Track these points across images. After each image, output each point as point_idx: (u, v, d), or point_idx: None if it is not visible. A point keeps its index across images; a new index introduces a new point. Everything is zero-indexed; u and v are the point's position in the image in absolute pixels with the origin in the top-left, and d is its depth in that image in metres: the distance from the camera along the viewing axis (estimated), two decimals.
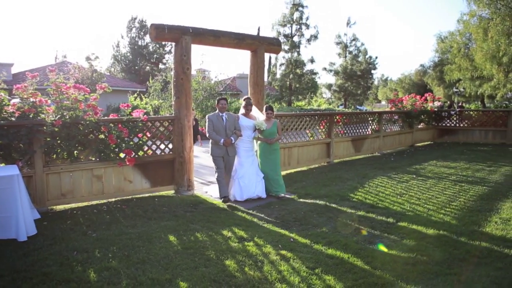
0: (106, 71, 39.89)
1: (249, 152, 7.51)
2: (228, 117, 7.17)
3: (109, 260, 4.26)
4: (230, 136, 7.12)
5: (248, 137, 7.48)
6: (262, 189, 7.40)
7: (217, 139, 7.02)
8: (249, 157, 7.47)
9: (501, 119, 15.82)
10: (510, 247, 4.72)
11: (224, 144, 7.00)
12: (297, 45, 38.14)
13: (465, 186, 8.08)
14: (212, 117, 7.14)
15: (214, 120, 7.08)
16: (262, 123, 7.41)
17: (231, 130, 7.16)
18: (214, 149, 7.14)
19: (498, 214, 6.07)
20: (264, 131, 7.47)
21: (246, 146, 7.49)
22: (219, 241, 4.91)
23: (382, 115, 13.56)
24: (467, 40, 27.07)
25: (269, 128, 7.56)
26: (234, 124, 7.23)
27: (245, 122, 7.45)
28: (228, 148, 7.11)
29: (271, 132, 7.56)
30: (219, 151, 7.10)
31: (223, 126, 7.09)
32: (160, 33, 7.20)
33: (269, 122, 7.59)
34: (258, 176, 7.43)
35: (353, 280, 3.91)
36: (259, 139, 7.62)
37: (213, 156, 7.17)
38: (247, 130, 7.45)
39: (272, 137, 7.56)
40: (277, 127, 7.71)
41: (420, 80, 47.72)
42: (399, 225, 5.64)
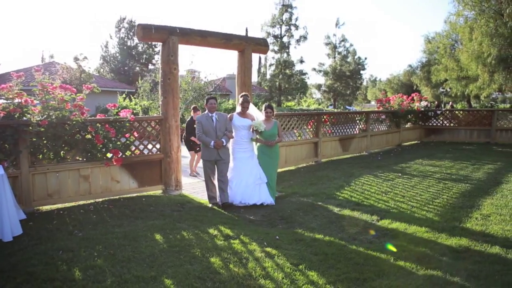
0: (95, 72, 39.66)
1: (246, 153, 7.01)
2: (218, 117, 6.74)
3: (94, 259, 4.28)
4: (221, 138, 6.69)
5: (242, 138, 6.98)
6: (251, 196, 6.78)
7: (206, 142, 6.60)
8: (246, 159, 6.96)
9: (485, 118, 16.10)
10: (489, 242, 4.85)
11: (215, 146, 6.58)
12: (287, 45, 38.35)
13: (448, 183, 8.23)
14: (201, 118, 6.78)
15: (203, 121, 6.69)
16: (261, 124, 6.90)
17: (221, 131, 6.71)
18: (205, 152, 6.75)
19: (479, 210, 6.21)
20: (263, 132, 6.98)
21: (243, 147, 7.01)
22: (205, 239, 4.96)
23: (369, 115, 13.72)
24: (453, 41, 27.45)
25: (269, 129, 7.07)
26: (225, 124, 6.79)
27: (239, 122, 6.97)
28: (220, 150, 6.67)
29: (270, 134, 7.07)
30: (210, 154, 6.68)
31: (213, 128, 6.66)
32: (147, 33, 7.23)
33: (268, 122, 7.12)
34: (254, 181, 6.83)
35: (336, 276, 3.99)
36: (258, 140, 7.11)
37: (203, 160, 6.84)
38: (241, 130, 6.96)
39: (272, 139, 7.07)
40: (278, 128, 7.22)
41: (408, 80, 48.18)
42: (383, 222, 5.75)
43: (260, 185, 6.89)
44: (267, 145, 7.07)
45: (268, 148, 7.10)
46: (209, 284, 3.74)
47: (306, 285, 3.80)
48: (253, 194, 6.80)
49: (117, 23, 48.37)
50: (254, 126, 6.92)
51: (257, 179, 6.88)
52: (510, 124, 15.75)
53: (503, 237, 5.05)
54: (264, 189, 6.89)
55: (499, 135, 15.72)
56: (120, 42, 48.34)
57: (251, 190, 6.80)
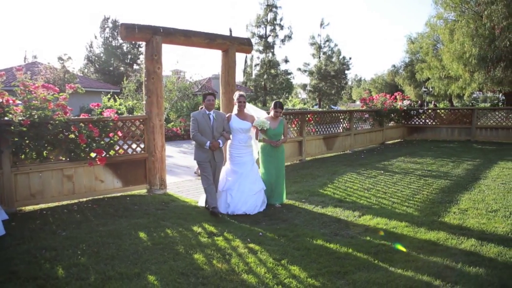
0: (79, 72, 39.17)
1: (244, 158, 6.41)
2: (216, 116, 6.22)
3: (77, 257, 4.30)
4: (218, 138, 6.18)
5: (241, 142, 6.40)
6: (253, 205, 6.23)
7: (202, 142, 6.05)
8: (244, 164, 6.38)
9: (466, 117, 16.46)
10: (465, 235, 5.01)
11: (211, 147, 6.05)
12: (271, 45, 38.51)
13: (429, 180, 8.43)
14: (197, 115, 6.18)
15: (199, 119, 6.12)
16: (265, 122, 6.40)
17: (218, 131, 6.20)
18: (199, 153, 6.21)
19: (457, 205, 6.39)
20: (268, 131, 6.50)
21: (242, 152, 6.41)
22: (189, 237, 5.01)
23: (353, 114, 13.90)
24: (435, 42, 27.95)
25: (275, 128, 6.59)
26: (223, 124, 6.28)
27: (237, 124, 6.37)
28: (214, 152, 6.16)
29: (276, 133, 6.60)
30: (204, 155, 6.16)
31: (210, 127, 6.12)
32: (130, 33, 7.23)
33: (275, 121, 6.64)
34: (253, 188, 6.30)
35: (317, 270, 4.08)
36: (264, 141, 6.63)
37: (198, 162, 6.27)
38: (240, 134, 6.39)
39: (278, 138, 6.62)
40: (284, 127, 6.73)
41: (392, 80, 48.88)
42: (364, 217, 5.87)
43: (261, 192, 6.43)
44: (272, 146, 6.57)
45: (274, 149, 6.61)
46: (192, 280, 3.80)
47: (288, 279, 3.88)
48: (257, 203, 6.30)
49: (102, 23, 47.91)
50: (257, 125, 6.39)
51: (258, 186, 6.38)
52: (489, 122, 16.14)
53: (479, 230, 5.22)
54: (254, 198, 6.30)
55: (479, 133, 16.08)
56: (105, 42, 47.88)
57: (254, 199, 6.27)
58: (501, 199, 6.66)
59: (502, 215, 5.79)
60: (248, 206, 6.18)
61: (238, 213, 6.13)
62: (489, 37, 19.14)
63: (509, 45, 17.96)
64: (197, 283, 3.73)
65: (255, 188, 6.32)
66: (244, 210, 6.15)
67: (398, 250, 4.50)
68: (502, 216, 5.74)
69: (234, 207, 6.18)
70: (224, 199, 6.30)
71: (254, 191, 6.27)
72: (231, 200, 6.21)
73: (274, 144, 6.57)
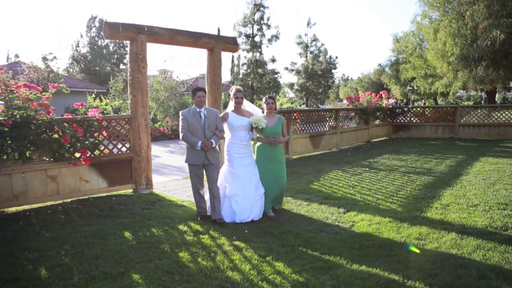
0: (64, 72, 38.71)
1: (245, 159, 5.89)
2: (207, 113, 5.68)
3: (61, 257, 4.27)
4: (210, 138, 5.65)
5: (242, 140, 5.89)
6: (259, 211, 5.80)
7: (193, 142, 5.52)
8: (246, 166, 5.86)
9: (450, 115, 16.74)
10: (446, 229, 5.11)
11: (203, 148, 5.53)
12: (259, 45, 38.51)
13: (413, 176, 8.56)
14: (187, 113, 5.66)
15: (189, 118, 5.59)
16: (261, 120, 5.81)
17: (211, 130, 5.66)
18: (190, 155, 5.68)
19: (439, 201, 6.51)
20: (264, 129, 5.89)
21: (241, 151, 5.88)
22: (175, 235, 5.02)
23: (339, 112, 14.02)
24: (420, 41, 28.35)
25: (272, 125, 5.99)
26: (216, 122, 5.73)
27: (236, 121, 5.86)
28: (208, 153, 5.61)
29: (274, 132, 5.99)
30: (196, 157, 5.62)
31: (201, 125, 5.59)
32: (114, 32, 7.18)
33: (271, 117, 6.05)
34: (257, 192, 5.82)
35: (301, 265, 4.13)
36: (259, 139, 6.04)
37: (189, 164, 5.75)
38: (240, 131, 5.87)
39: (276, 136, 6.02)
40: (283, 124, 6.11)
41: (378, 79, 49.41)
42: (349, 214, 5.94)
43: (263, 196, 5.93)
44: (270, 144, 5.96)
45: (271, 149, 5.98)
46: (177, 278, 3.81)
47: (272, 275, 3.91)
48: (261, 208, 5.86)
49: (88, 22, 47.40)
50: (253, 122, 5.83)
51: (255, 192, 5.84)
52: (472, 120, 16.44)
53: (459, 224, 5.33)
54: (260, 204, 5.83)
55: (461, 130, 16.37)
56: (91, 41, 47.37)
57: (260, 204, 5.83)
58: (482, 194, 6.81)
59: (482, 210, 5.92)
60: (255, 213, 5.71)
61: (247, 221, 5.60)
62: (471, 37, 19.50)
63: (490, 45, 18.33)
64: (182, 281, 3.74)
65: (260, 192, 5.85)
66: (252, 217, 5.67)
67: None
68: (482, 211, 5.87)
69: (242, 215, 5.62)
70: (229, 206, 5.72)
71: (258, 195, 5.82)
72: (237, 207, 5.64)
73: (272, 141, 5.92)
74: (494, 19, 17.94)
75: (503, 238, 4.76)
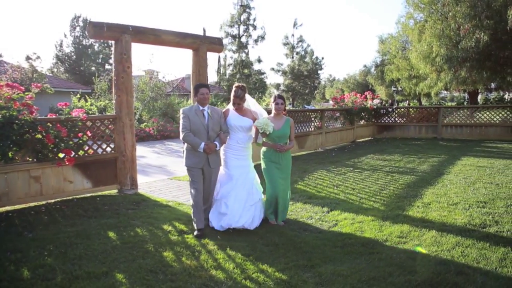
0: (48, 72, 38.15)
1: (242, 161, 5.48)
2: (211, 112, 5.22)
3: (44, 258, 4.25)
4: (214, 139, 5.20)
5: (239, 142, 5.44)
6: (251, 218, 5.21)
7: (195, 144, 5.04)
8: (243, 167, 5.45)
9: (433, 115, 17.04)
10: (427, 227, 5.23)
11: (205, 150, 5.05)
12: (245, 45, 38.62)
13: (396, 176, 8.70)
14: (189, 111, 5.17)
15: (191, 116, 5.11)
16: (268, 124, 5.21)
17: (215, 131, 5.21)
18: (190, 157, 5.17)
19: (421, 199, 6.65)
20: (271, 133, 5.30)
21: (239, 154, 5.47)
22: (159, 235, 5.03)
23: (324, 113, 14.15)
24: (404, 42, 28.75)
25: (279, 128, 5.37)
26: (220, 122, 5.30)
27: (236, 121, 5.40)
28: (209, 156, 5.16)
29: (281, 136, 5.38)
30: (197, 160, 5.13)
31: (205, 125, 5.13)
32: (98, 31, 7.15)
33: (278, 119, 5.44)
34: (251, 198, 5.33)
35: (285, 264, 4.18)
36: (265, 144, 5.50)
37: (188, 168, 5.21)
38: (238, 132, 5.42)
39: (283, 142, 5.42)
40: (291, 127, 5.49)
41: (364, 80, 49.97)
42: (333, 213, 6.02)
43: (258, 203, 5.45)
44: (277, 151, 5.39)
45: (279, 154, 5.43)
46: (161, 277, 3.83)
47: (256, 273, 3.96)
48: (255, 215, 5.32)
49: (71, 22, 46.85)
50: (259, 127, 5.25)
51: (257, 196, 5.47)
52: (454, 120, 16.77)
53: (440, 222, 5.45)
54: (252, 210, 5.29)
55: (444, 130, 16.67)
56: (75, 41, 46.83)
57: (253, 210, 5.30)
58: (462, 193, 6.96)
59: (462, 208, 6.06)
60: (246, 219, 5.16)
61: (235, 226, 5.12)
62: (455, 38, 19.84)
63: (474, 46, 18.67)
64: (166, 280, 3.76)
65: (254, 198, 5.37)
66: (243, 223, 5.12)
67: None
68: (462, 209, 6.01)
69: (231, 219, 5.12)
70: (218, 209, 5.29)
71: (252, 201, 5.32)
72: (226, 209, 5.17)
73: (279, 149, 5.35)
74: (477, 20, 18.27)
75: (481, 235, 4.89)
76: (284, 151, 5.39)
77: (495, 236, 4.86)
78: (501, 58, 19.20)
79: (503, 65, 19.83)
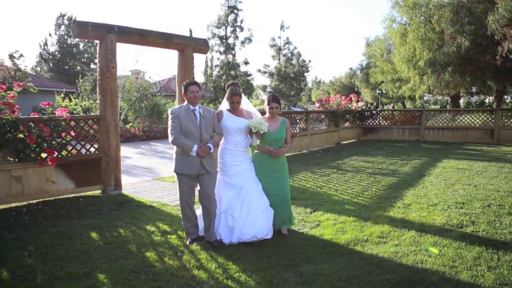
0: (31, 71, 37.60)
1: (242, 166, 4.94)
2: (203, 112, 4.71)
3: (25, 259, 4.22)
4: (208, 142, 4.70)
5: (238, 146, 4.93)
6: (264, 226, 4.77)
7: (187, 147, 4.51)
8: (244, 173, 4.92)
9: (416, 118, 17.36)
10: (407, 227, 5.34)
11: (199, 154, 4.54)
12: (232, 47, 38.68)
13: (378, 177, 8.85)
14: (178, 111, 4.64)
15: (181, 116, 4.59)
16: (262, 123, 4.83)
17: (208, 132, 4.70)
18: (181, 162, 4.64)
19: (401, 200, 6.78)
20: (265, 135, 4.95)
21: (237, 159, 4.92)
22: (142, 236, 5.03)
23: (309, 115, 14.28)
24: (389, 45, 29.18)
25: (275, 130, 5.02)
26: (213, 123, 4.79)
27: (232, 122, 4.90)
28: (204, 160, 4.62)
29: (276, 138, 5.04)
30: (190, 165, 4.59)
31: (196, 126, 4.61)
32: (83, 31, 7.13)
33: (274, 121, 5.08)
34: (261, 203, 4.86)
35: (267, 264, 4.23)
36: (259, 148, 5.11)
37: (178, 174, 4.69)
38: (236, 135, 4.92)
39: (279, 145, 5.07)
40: (287, 129, 5.12)
41: (349, 82, 50.47)
42: (315, 214, 6.10)
43: (268, 209, 4.95)
44: (271, 155, 5.01)
45: (273, 160, 5.04)
46: (143, 277, 3.84)
47: (237, 273, 3.99)
48: (268, 223, 4.86)
49: (57, 20, 46.24)
50: (252, 126, 4.84)
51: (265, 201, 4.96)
52: (436, 123, 17.11)
53: (419, 222, 5.58)
54: (263, 217, 4.82)
55: (427, 133, 17.00)
56: (60, 39, 46.22)
57: (264, 217, 4.83)
58: (442, 194, 7.13)
59: (441, 208, 6.21)
60: (257, 228, 4.68)
61: (246, 239, 4.66)
62: (438, 42, 20.24)
63: (455, 51, 19.08)
64: (148, 280, 3.78)
65: (263, 203, 4.88)
66: (254, 233, 4.66)
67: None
68: (441, 209, 6.16)
69: (240, 232, 4.66)
70: (225, 223, 4.77)
71: (262, 207, 4.84)
72: (233, 222, 4.67)
73: (275, 154, 4.98)
74: (459, 25, 18.69)
75: (458, 235, 5.02)
76: (279, 155, 5.03)
77: (471, 236, 5.00)
78: (481, 63, 19.67)
79: (483, 69, 20.31)
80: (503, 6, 15.30)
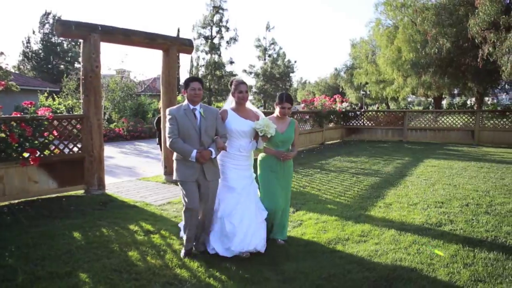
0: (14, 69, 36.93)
1: (244, 171, 4.56)
2: (205, 112, 4.28)
3: (5, 259, 4.19)
4: (209, 146, 4.27)
5: (242, 150, 4.53)
6: (263, 238, 4.45)
7: (185, 152, 4.12)
8: (245, 178, 4.55)
9: (399, 119, 17.64)
10: (387, 226, 5.46)
11: (199, 159, 4.14)
12: (217, 47, 38.69)
13: (361, 177, 8.99)
14: (176, 112, 4.23)
15: (179, 117, 4.18)
16: (269, 126, 4.38)
17: (209, 135, 4.27)
18: (181, 168, 4.24)
19: (383, 200, 6.91)
20: (273, 137, 4.51)
21: (239, 163, 4.54)
22: (125, 235, 5.04)
23: (294, 115, 14.37)
24: (374, 47, 29.57)
25: (283, 131, 4.66)
26: (215, 124, 4.34)
27: (238, 124, 4.47)
28: (204, 166, 4.23)
29: (285, 140, 4.68)
30: (190, 171, 4.20)
31: (196, 128, 4.21)
32: (66, 30, 7.08)
33: (282, 122, 4.71)
34: (260, 214, 4.55)
35: (249, 262, 4.25)
36: (265, 150, 4.70)
37: (181, 182, 4.28)
38: (240, 139, 4.51)
39: (286, 148, 4.72)
40: (296, 131, 4.80)
41: (334, 83, 50.90)
42: (298, 213, 6.19)
43: (264, 223, 4.61)
44: (279, 159, 4.66)
45: (280, 163, 4.70)
46: (125, 276, 3.86)
47: (219, 272, 4.03)
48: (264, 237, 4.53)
49: (41, 18, 45.52)
50: (259, 129, 4.38)
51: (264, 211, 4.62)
52: (419, 124, 17.43)
53: (399, 221, 5.70)
54: (262, 229, 4.52)
55: (409, 133, 17.30)
56: (44, 38, 45.51)
57: (263, 228, 4.56)
58: (422, 194, 7.29)
59: (421, 208, 6.36)
60: (259, 239, 4.35)
61: (248, 249, 4.28)
62: (421, 44, 20.60)
63: (437, 52, 19.45)
64: (130, 279, 3.79)
65: (263, 214, 4.59)
66: (255, 244, 4.31)
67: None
68: (421, 209, 6.30)
69: (243, 241, 4.24)
70: (219, 229, 4.38)
71: (262, 217, 4.55)
72: (233, 229, 4.26)
73: (284, 157, 4.64)
74: (441, 27, 19.05)
75: (437, 234, 5.16)
76: (288, 159, 4.69)
77: (449, 234, 5.14)
78: (462, 65, 20.10)
79: (464, 71, 20.75)
80: (484, 10, 15.66)
